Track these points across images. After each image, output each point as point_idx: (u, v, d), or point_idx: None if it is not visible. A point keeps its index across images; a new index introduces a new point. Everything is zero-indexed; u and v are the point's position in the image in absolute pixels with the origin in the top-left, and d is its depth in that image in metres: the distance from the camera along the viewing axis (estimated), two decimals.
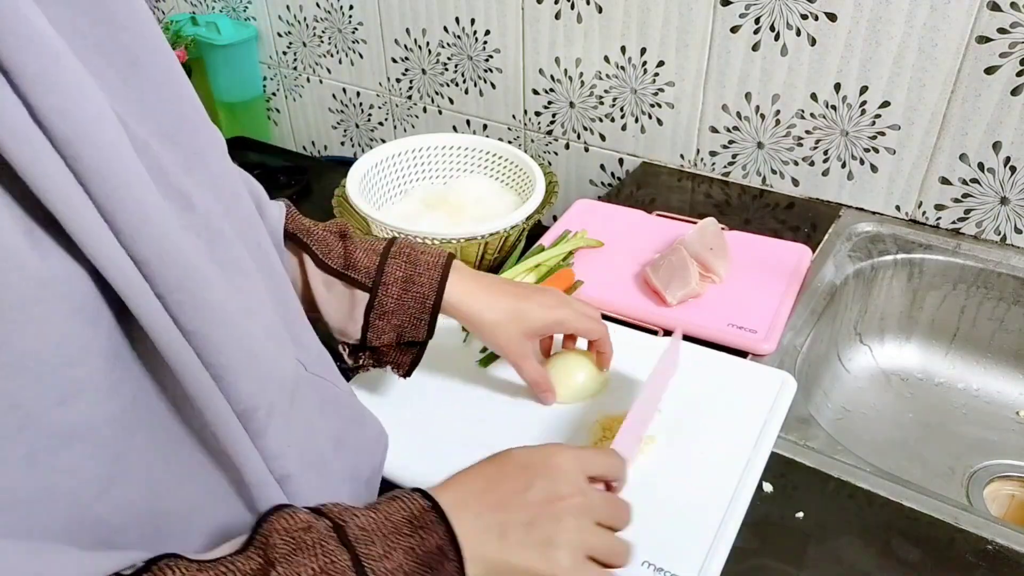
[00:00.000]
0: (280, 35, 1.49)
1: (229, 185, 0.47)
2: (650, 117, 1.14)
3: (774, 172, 1.08)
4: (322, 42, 1.44)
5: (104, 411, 0.36)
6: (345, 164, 1.17)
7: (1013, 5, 0.83)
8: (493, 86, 1.27)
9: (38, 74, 0.32)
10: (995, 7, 0.84)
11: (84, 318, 0.34)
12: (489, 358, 0.79)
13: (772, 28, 0.98)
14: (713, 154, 1.12)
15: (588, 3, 1.10)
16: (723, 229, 0.96)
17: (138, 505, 0.39)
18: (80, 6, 0.37)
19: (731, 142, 1.09)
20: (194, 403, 0.39)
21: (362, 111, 1.47)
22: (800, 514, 0.63)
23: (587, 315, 0.70)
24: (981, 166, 0.93)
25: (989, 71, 0.88)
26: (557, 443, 0.56)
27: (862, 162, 1.00)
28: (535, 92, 1.23)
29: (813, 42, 0.96)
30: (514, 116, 1.28)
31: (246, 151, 1.43)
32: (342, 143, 1.56)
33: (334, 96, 1.50)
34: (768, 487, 0.65)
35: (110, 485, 0.37)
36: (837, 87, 0.97)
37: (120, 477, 0.37)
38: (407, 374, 0.69)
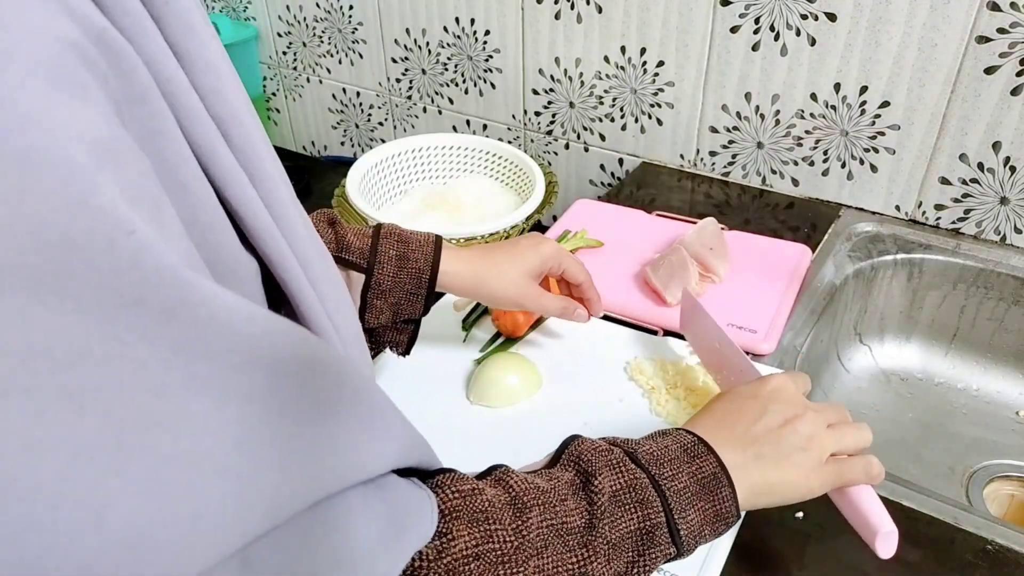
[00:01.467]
0: (280, 35, 1.49)
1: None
2: (650, 117, 1.14)
3: (774, 172, 1.08)
4: (322, 42, 1.44)
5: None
6: (345, 164, 1.17)
7: (1013, 5, 0.83)
8: (493, 86, 1.27)
9: (198, 56, 0.31)
10: (995, 7, 0.84)
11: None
12: (486, 358, 0.79)
13: (772, 28, 0.98)
14: (713, 154, 1.12)
15: (588, 3, 1.10)
16: (723, 229, 0.96)
17: None
18: None
19: (731, 142, 1.09)
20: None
21: (362, 111, 1.47)
22: (800, 514, 0.63)
23: (571, 255, 0.73)
24: (981, 166, 0.93)
25: (989, 71, 0.88)
26: (772, 373, 0.59)
27: (862, 162, 1.00)
28: (535, 92, 1.23)
29: (813, 42, 0.96)
30: (514, 116, 1.28)
31: None
32: (342, 143, 1.56)
33: (334, 96, 1.50)
34: None
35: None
36: (837, 87, 0.97)
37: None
38: (406, 352, 0.70)
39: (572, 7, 1.11)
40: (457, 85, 1.31)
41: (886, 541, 0.53)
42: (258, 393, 0.28)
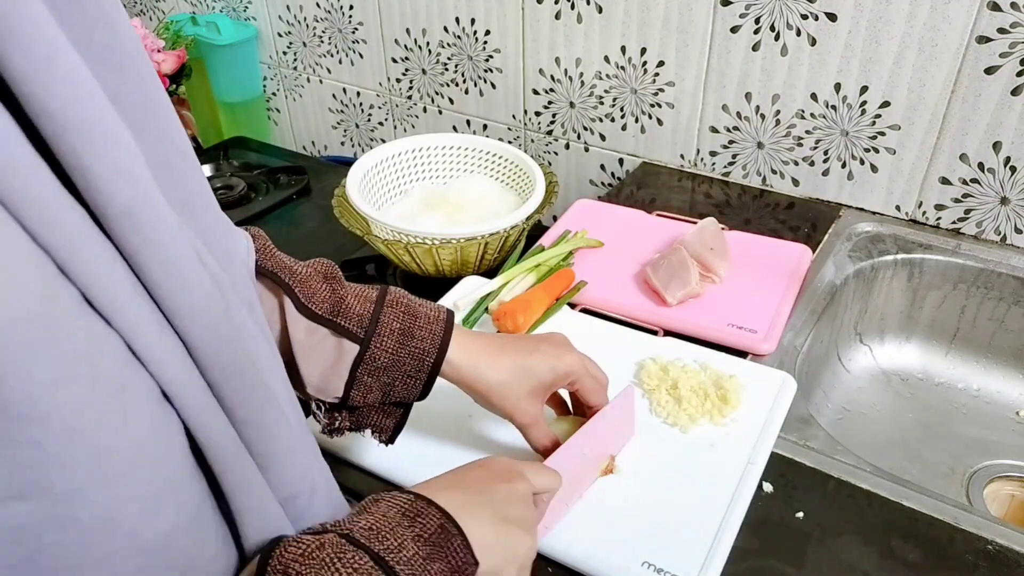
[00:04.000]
0: (280, 35, 1.49)
1: (220, 236, 0.43)
2: (650, 117, 1.14)
3: (774, 172, 1.08)
4: (322, 42, 1.44)
5: (187, 514, 0.34)
6: (345, 164, 1.17)
7: (1013, 5, 0.83)
8: (493, 86, 1.27)
9: (80, 120, 0.29)
10: (995, 7, 0.84)
11: (161, 406, 0.32)
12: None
13: (772, 28, 0.98)
14: (713, 154, 1.12)
15: (588, 3, 1.10)
16: (723, 229, 0.96)
17: None
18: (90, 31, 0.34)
19: (731, 142, 1.09)
20: (233, 494, 0.37)
21: (362, 111, 1.47)
22: (800, 514, 0.63)
23: (593, 374, 0.64)
24: (981, 166, 0.93)
25: (989, 71, 0.88)
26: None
27: (862, 162, 1.00)
28: (535, 92, 1.23)
29: (813, 42, 0.96)
30: (514, 116, 1.28)
31: (246, 151, 1.43)
32: (342, 143, 1.56)
33: (334, 96, 1.50)
34: (768, 487, 0.65)
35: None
36: (837, 87, 0.97)
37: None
38: (390, 440, 0.62)
39: (572, 7, 1.11)
40: (457, 85, 1.31)
41: None
42: None
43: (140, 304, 0.31)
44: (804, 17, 0.95)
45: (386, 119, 1.45)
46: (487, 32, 1.22)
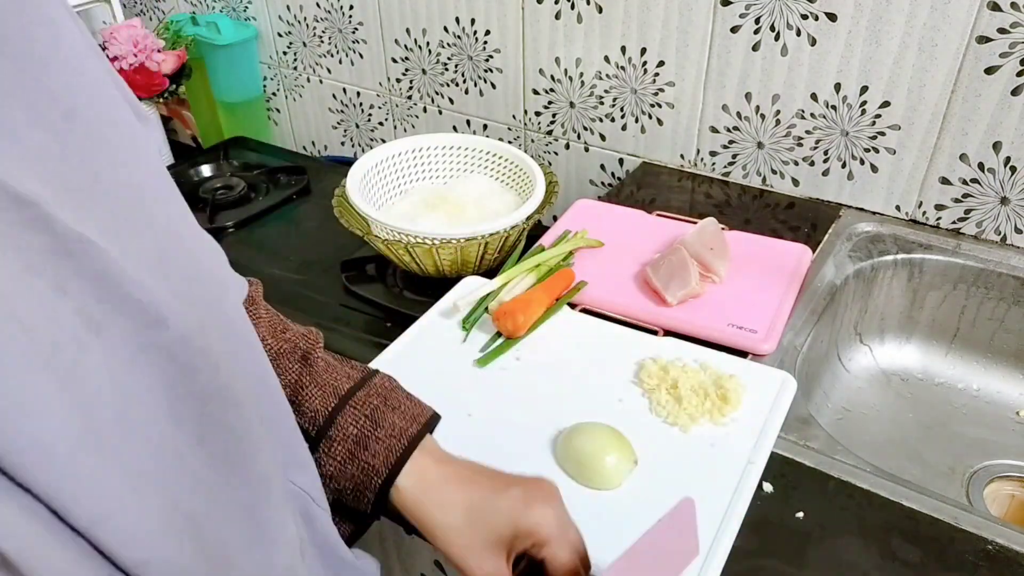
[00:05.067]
0: (280, 35, 1.49)
1: (207, 279, 0.38)
2: (650, 117, 1.14)
3: (774, 172, 1.08)
4: (322, 42, 1.44)
5: None
6: (345, 164, 1.17)
7: (1013, 5, 0.83)
8: (493, 86, 1.27)
9: None
10: (995, 7, 0.84)
11: None
12: (489, 358, 0.79)
13: (772, 28, 0.98)
14: (713, 154, 1.12)
15: (588, 3, 1.10)
16: (723, 229, 0.96)
17: None
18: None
19: (731, 142, 1.09)
20: None
21: (362, 111, 1.47)
22: (800, 514, 0.63)
23: (572, 541, 0.50)
24: (981, 166, 0.93)
25: (989, 71, 0.88)
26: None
27: (862, 162, 1.00)
28: (535, 92, 1.23)
29: (813, 42, 0.96)
30: (514, 116, 1.28)
31: (246, 151, 1.43)
32: (342, 143, 1.56)
33: (334, 96, 1.50)
34: (768, 487, 0.65)
35: None
36: (837, 87, 0.97)
37: None
38: (349, 544, 0.52)
39: (572, 7, 1.11)
40: (457, 85, 1.31)
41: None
42: None
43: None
44: (804, 17, 0.95)
45: (386, 119, 1.45)
46: (487, 32, 1.22)
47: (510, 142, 1.30)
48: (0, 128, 0.28)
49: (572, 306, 0.88)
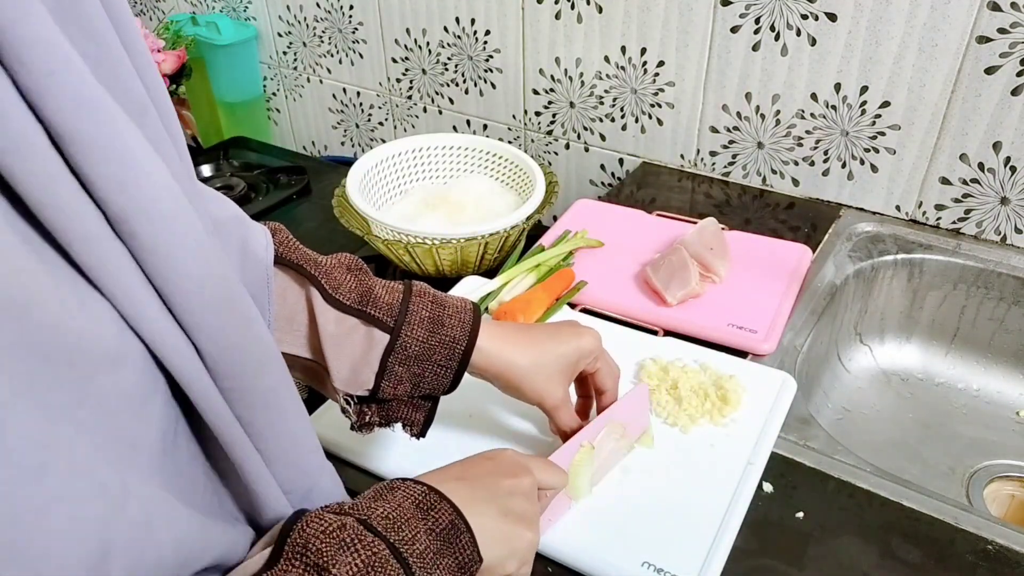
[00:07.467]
0: (280, 35, 1.49)
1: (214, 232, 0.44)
2: (650, 117, 1.14)
3: (774, 172, 1.08)
4: (322, 42, 1.44)
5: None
6: (345, 164, 1.17)
7: (1013, 5, 0.83)
8: (493, 86, 1.27)
9: (95, 140, 0.29)
10: (995, 7, 0.84)
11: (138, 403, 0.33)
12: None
13: (772, 28, 0.98)
14: (713, 154, 1.12)
15: (588, 3, 1.10)
16: (723, 229, 0.96)
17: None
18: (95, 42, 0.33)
19: (731, 142, 1.09)
20: (249, 485, 0.39)
21: (362, 111, 1.47)
22: (800, 514, 0.63)
23: (609, 357, 0.65)
24: (981, 166, 0.93)
25: (989, 71, 0.88)
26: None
27: (862, 162, 1.00)
28: (535, 92, 1.23)
29: (813, 42, 0.96)
30: (514, 116, 1.28)
31: (246, 151, 1.43)
32: (342, 143, 1.56)
33: (334, 96, 1.50)
34: (768, 487, 0.65)
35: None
36: (837, 87, 0.97)
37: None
38: (421, 434, 0.60)
39: (572, 7, 1.11)
40: (457, 85, 1.31)
41: None
42: None
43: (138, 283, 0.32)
44: (804, 17, 0.95)
45: (386, 119, 1.45)
46: (487, 32, 1.22)
47: (510, 142, 1.30)
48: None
49: (572, 306, 0.88)
